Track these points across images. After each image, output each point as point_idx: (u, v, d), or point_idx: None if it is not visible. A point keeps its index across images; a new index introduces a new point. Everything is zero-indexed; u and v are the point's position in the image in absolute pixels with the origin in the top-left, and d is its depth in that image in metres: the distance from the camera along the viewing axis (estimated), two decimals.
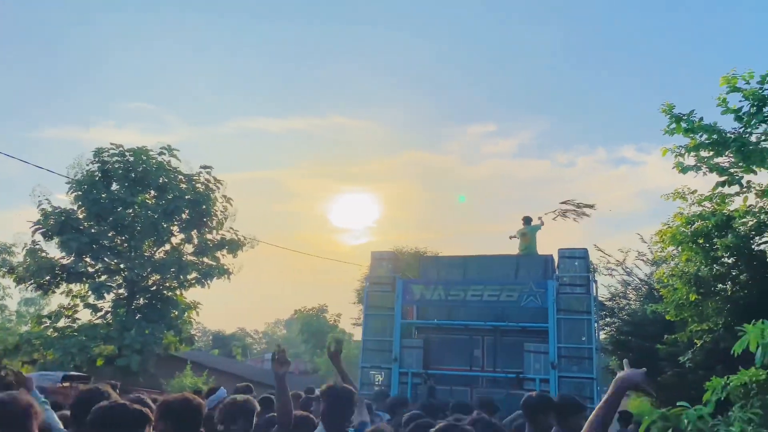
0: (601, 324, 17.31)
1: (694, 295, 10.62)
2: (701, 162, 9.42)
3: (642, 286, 17.12)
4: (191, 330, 26.15)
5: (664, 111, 9.86)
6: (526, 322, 11.84)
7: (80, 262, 20.24)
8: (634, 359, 15.26)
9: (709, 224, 9.84)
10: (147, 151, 21.57)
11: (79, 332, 20.42)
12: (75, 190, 20.40)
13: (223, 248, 22.97)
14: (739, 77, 9.41)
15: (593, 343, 11.12)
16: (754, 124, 9.42)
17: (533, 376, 10.82)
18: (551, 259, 12.34)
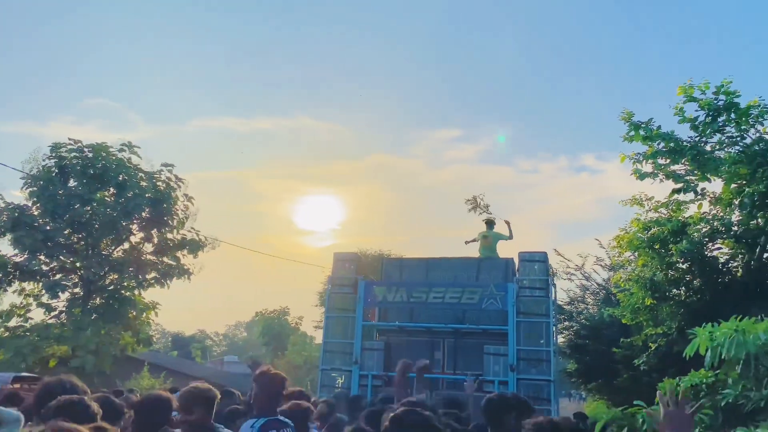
0: (560, 328, 17.54)
1: (649, 300, 10.86)
2: (658, 169, 9.65)
3: (600, 291, 17.44)
4: (150, 331, 25.61)
5: (624, 118, 10.09)
6: (487, 324, 11.95)
7: (34, 260, 19.60)
8: (591, 363, 15.54)
9: (665, 230, 10.08)
10: (107, 147, 21.04)
11: (31, 332, 19.78)
12: (30, 186, 19.77)
13: (184, 248, 22.56)
14: (695, 87, 9.68)
15: (551, 345, 11.26)
16: (709, 133, 9.70)
17: (492, 378, 10.90)
18: (512, 262, 12.47)
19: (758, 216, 9.61)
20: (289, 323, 42.20)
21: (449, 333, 12.36)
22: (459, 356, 12.20)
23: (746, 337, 5.43)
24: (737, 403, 5.59)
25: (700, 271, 9.94)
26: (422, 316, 12.42)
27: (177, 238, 22.52)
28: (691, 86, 9.68)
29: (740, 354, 5.37)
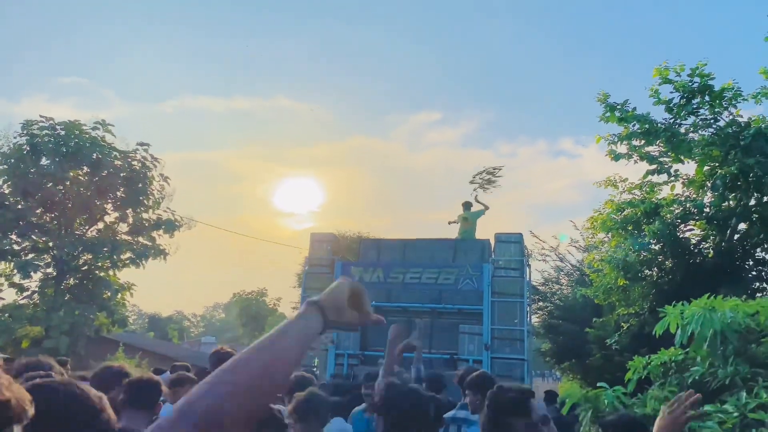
0: (534, 308, 17.75)
1: (622, 280, 10.99)
2: (633, 150, 9.72)
3: (574, 272, 17.63)
4: (125, 312, 25.38)
5: (600, 99, 10.13)
6: (462, 304, 12.03)
7: (5, 240, 19.25)
8: (565, 342, 15.75)
9: (638, 211, 10.20)
10: (80, 125, 20.62)
11: (3, 312, 19.49)
12: (0, 164, 19.35)
13: (160, 228, 22.30)
14: (671, 69, 9.74)
15: (525, 325, 11.39)
16: (684, 115, 9.78)
17: (467, 357, 11.00)
18: (488, 243, 12.54)
19: (730, 198, 9.75)
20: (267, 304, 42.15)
21: (426, 313, 12.42)
22: (434, 336, 12.28)
23: (714, 315, 5.52)
24: (704, 381, 5.69)
25: (672, 252, 10.08)
26: (399, 296, 12.46)
27: (152, 218, 22.25)
28: (666, 68, 9.74)
29: (707, 332, 5.46)
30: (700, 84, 9.56)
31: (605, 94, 10.04)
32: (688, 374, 5.83)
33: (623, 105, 9.97)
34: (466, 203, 13.66)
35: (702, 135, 9.92)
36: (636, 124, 9.95)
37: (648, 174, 9.97)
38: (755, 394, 4.82)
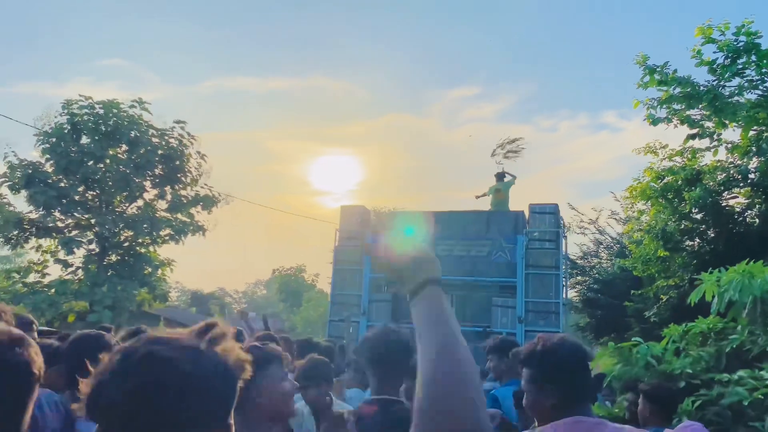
0: (572, 282, 17.39)
1: (662, 251, 10.61)
2: (673, 114, 9.28)
3: (614, 245, 17.15)
4: (166, 287, 25.94)
5: (638, 62, 9.69)
6: (496, 277, 11.83)
7: (49, 217, 19.77)
8: (604, 317, 15.40)
9: (679, 179, 9.77)
10: (117, 104, 20.92)
11: (49, 288, 20.09)
12: (43, 143, 19.81)
13: (198, 204, 22.61)
14: (714, 28, 9.23)
15: (560, 298, 11.13)
16: (728, 76, 9.28)
17: (500, 330, 10.80)
18: (522, 214, 12.26)
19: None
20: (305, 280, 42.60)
21: (458, 285, 12.26)
22: (468, 308, 12.13)
23: (752, 282, 5.23)
24: (743, 349, 5.42)
25: (714, 221, 9.65)
26: None
27: (190, 194, 22.55)
28: (709, 27, 9.23)
29: (746, 298, 5.18)
30: (746, 43, 9.03)
31: (644, 56, 9.59)
32: (725, 342, 5.57)
33: (663, 67, 9.50)
34: (498, 174, 13.38)
35: (748, 98, 9.40)
36: (677, 88, 9.48)
37: (689, 138, 9.51)
38: None
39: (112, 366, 0.92)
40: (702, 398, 4.66)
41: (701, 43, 9.33)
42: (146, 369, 0.89)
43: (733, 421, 4.38)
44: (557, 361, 2.21)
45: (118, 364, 0.91)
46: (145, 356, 0.91)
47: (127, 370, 0.90)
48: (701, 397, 4.67)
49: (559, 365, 2.21)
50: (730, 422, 4.37)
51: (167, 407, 0.88)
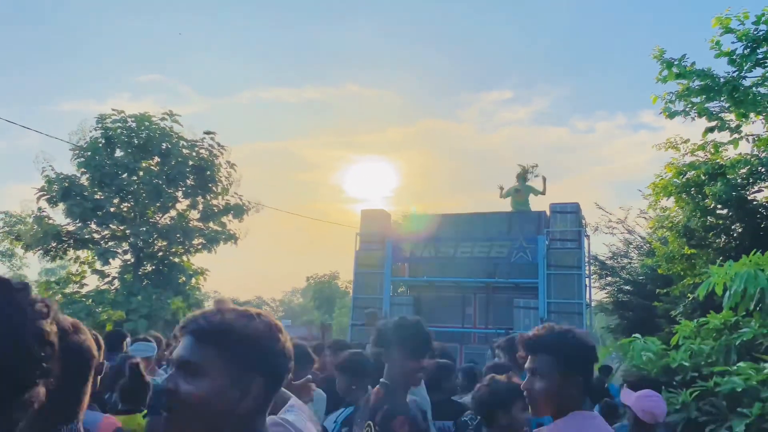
0: (602, 283, 17.05)
1: (688, 249, 10.33)
2: (690, 107, 9.05)
3: (644, 245, 16.74)
4: (200, 296, 26.39)
5: (655, 56, 9.47)
6: (517, 278, 11.72)
7: (85, 228, 20.36)
8: (634, 318, 15.06)
9: (701, 173, 9.50)
10: (149, 117, 21.48)
11: (86, 298, 20.65)
12: (78, 157, 20.43)
13: (228, 213, 22.97)
14: (733, 17, 8.98)
15: (583, 298, 10.95)
16: (748, 67, 9.01)
17: (523, 331, 10.69)
18: (543, 214, 12.14)
19: None
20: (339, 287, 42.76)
21: (480, 288, 12.19)
22: (490, 311, 12.04)
23: (760, 273, 5.06)
24: (756, 342, 5.25)
25: (739, 216, 9.34)
26: (452, 270, 12.28)
27: (221, 204, 22.92)
28: (728, 17, 8.97)
29: (753, 290, 5.01)
30: (766, 32, 8.75)
31: (660, 50, 9.37)
32: (735, 336, 5.42)
33: (681, 60, 9.27)
34: (520, 174, 13.25)
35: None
36: (696, 80, 9.24)
37: (708, 131, 9.24)
38: None
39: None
40: (699, 389, 4.56)
41: (720, 34, 9.07)
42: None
43: (729, 410, 4.27)
44: (584, 350, 2.16)
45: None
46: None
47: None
48: (699, 388, 4.57)
49: (585, 354, 2.16)
50: (725, 412, 4.26)
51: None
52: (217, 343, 1.25)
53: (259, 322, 1.32)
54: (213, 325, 1.28)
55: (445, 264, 12.31)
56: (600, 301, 17.14)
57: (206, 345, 1.26)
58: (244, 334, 1.27)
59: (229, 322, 1.28)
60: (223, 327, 1.27)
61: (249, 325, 1.30)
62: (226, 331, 1.26)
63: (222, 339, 1.25)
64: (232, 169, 23.06)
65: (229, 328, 1.26)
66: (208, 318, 1.30)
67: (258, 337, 1.29)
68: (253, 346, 1.28)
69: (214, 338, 1.26)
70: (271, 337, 1.32)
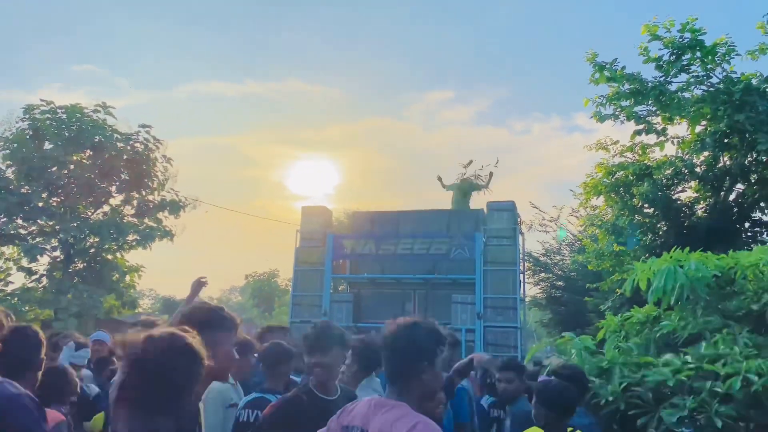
0: (536, 279, 17.55)
1: (616, 246, 10.76)
2: (620, 110, 9.45)
3: (575, 242, 17.35)
4: (134, 294, 25.69)
5: (589, 59, 9.84)
6: (456, 274, 11.94)
7: (11, 224, 19.47)
8: (566, 313, 15.58)
9: (629, 174, 9.93)
10: (81, 108, 20.68)
11: (12, 296, 19.78)
12: (3, 149, 19.50)
13: (164, 209, 22.40)
14: (660, 25, 9.42)
15: (518, 294, 11.25)
16: (674, 73, 9.48)
17: (460, 326, 10.89)
18: (481, 212, 12.40)
19: (724, 156, 9.45)
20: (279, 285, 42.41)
21: (420, 284, 12.34)
22: (429, 307, 12.21)
23: (679, 269, 5.34)
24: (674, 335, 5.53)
25: (664, 215, 9.82)
26: (392, 267, 12.39)
27: (157, 199, 22.34)
28: (655, 24, 9.42)
29: (670, 285, 5.29)
30: (690, 39, 9.23)
31: (594, 53, 9.75)
32: (656, 329, 5.69)
33: (612, 64, 9.67)
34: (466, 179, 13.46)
35: (695, 93, 9.60)
36: (626, 84, 9.66)
37: (635, 134, 9.68)
38: (713, 344, 4.67)
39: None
40: (627, 380, 4.76)
41: (648, 41, 9.52)
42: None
43: (655, 402, 4.47)
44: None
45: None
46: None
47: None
48: (626, 378, 4.77)
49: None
50: (652, 404, 4.46)
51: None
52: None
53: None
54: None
55: (385, 261, 12.40)
56: (534, 297, 17.67)
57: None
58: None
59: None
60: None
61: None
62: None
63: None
64: (169, 164, 22.51)
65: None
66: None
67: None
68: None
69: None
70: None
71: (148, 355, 1.55)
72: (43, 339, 2.98)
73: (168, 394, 1.57)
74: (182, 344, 1.61)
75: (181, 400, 1.61)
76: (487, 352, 4.52)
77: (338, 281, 14.04)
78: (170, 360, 1.57)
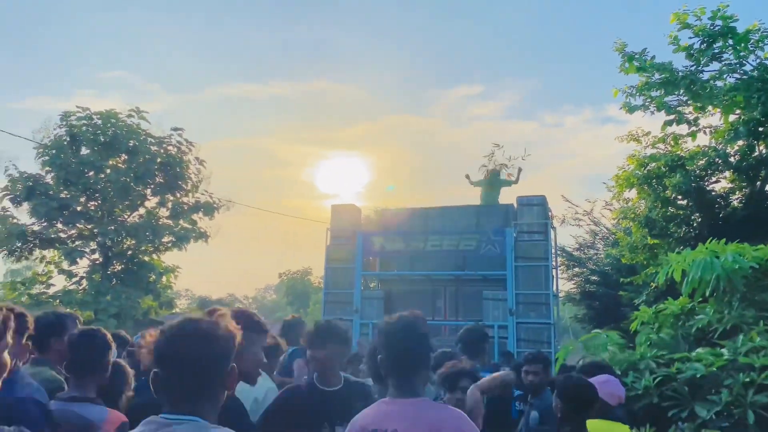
0: (570, 274, 17.36)
1: (650, 239, 10.62)
2: (650, 101, 9.30)
3: (610, 236, 17.09)
4: (172, 294, 26.16)
5: (617, 49, 9.72)
6: (486, 270, 11.88)
7: (51, 228, 20.01)
8: (600, 307, 15.39)
9: (661, 165, 9.77)
10: (115, 114, 21.14)
11: (53, 298, 20.31)
12: (42, 156, 20.04)
13: (199, 211, 22.76)
14: (690, 13, 9.25)
15: (550, 289, 11.15)
16: (705, 61, 9.29)
17: (491, 323, 10.84)
18: (511, 207, 12.29)
19: (759, 144, 9.23)
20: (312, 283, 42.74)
21: (450, 281, 12.33)
22: (460, 303, 12.19)
23: (715, 261, 5.26)
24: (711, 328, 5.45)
25: (698, 206, 9.64)
26: (422, 264, 12.40)
27: (191, 201, 22.71)
28: (685, 12, 9.25)
29: (708, 277, 5.21)
30: (721, 27, 9.04)
31: (622, 43, 9.62)
32: (692, 322, 5.62)
33: (641, 54, 9.52)
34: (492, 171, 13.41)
35: (728, 82, 9.40)
36: (656, 74, 9.50)
37: (666, 125, 9.51)
38: (750, 338, 4.60)
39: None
40: (662, 375, 4.72)
41: (677, 29, 9.35)
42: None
43: (691, 396, 4.43)
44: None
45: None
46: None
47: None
48: (661, 374, 4.73)
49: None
50: (687, 397, 4.42)
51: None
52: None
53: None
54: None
55: (415, 258, 12.41)
56: (568, 292, 17.51)
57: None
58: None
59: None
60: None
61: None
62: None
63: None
64: (201, 166, 22.84)
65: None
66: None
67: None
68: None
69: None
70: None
71: (170, 343, 1.60)
72: (111, 341, 3.13)
73: (198, 379, 1.60)
74: (196, 328, 1.63)
75: (213, 385, 1.64)
76: (507, 367, 4.46)
77: (369, 279, 14.11)
78: (191, 345, 1.60)
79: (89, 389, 2.84)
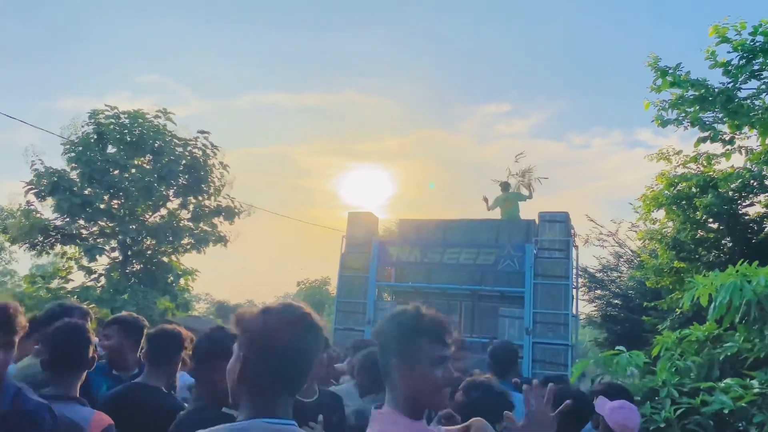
0: (591, 296, 16.83)
1: (677, 262, 10.14)
2: (684, 115, 8.88)
3: (634, 258, 16.54)
4: (190, 297, 26.15)
5: (650, 64, 9.33)
6: (504, 286, 11.51)
7: (73, 224, 20.14)
8: (621, 332, 14.85)
9: (692, 185, 9.32)
10: (143, 114, 21.32)
11: (71, 294, 20.38)
12: (69, 152, 20.23)
13: (220, 215, 22.79)
14: (730, 27, 8.83)
15: (569, 309, 10.72)
16: (743, 78, 8.86)
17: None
18: (533, 223, 11.91)
19: None
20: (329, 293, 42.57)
21: (466, 295, 11.97)
22: (476, 319, 11.81)
23: (746, 284, 4.86)
24: (740, 357, 5.05)
25: (730, 230, 9.16)
26: (438, 276, 12.06)
27: (213, 204, 22.74)
28: (725, 26, 8.82)
29: (738, 302, 4.81)
30: (763, 43, 8.60)
31: (656, 57, 9.23)
32: (720, 350, 5.21)
33: (676, 68, 9.12)
34: (504, 184, 13.12)
35: (767, 101, 8.95)
36: (690, 90, 9.08)
37: (700, 142, 9.06)
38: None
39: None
40: (685, 406, 4.33)
41: (715, 44, 8.93)
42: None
43: (717, 431, 4.04)
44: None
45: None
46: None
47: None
48: (684, 405, 4.33)
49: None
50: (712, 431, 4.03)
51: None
52: None
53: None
54: None
55: (431, 270, 12.09)
56: (588, 315, 16.97)
57: None
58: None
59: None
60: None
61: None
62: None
63: None
64: (225, 171, 22.93)
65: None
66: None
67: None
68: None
69: None
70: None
71: (268, 329, 1.50)
72: (184, 339, 3.19)
73: (289, 370, 1.52)
74: (301, 315, 1.58)
75: (301, 376, 1.55)
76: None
77: (383, 289, 13.81)
78: (289, 333, 1.52)
79: (72, 387, 2.66)
